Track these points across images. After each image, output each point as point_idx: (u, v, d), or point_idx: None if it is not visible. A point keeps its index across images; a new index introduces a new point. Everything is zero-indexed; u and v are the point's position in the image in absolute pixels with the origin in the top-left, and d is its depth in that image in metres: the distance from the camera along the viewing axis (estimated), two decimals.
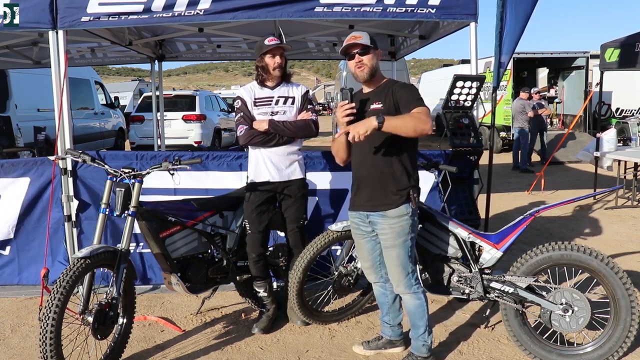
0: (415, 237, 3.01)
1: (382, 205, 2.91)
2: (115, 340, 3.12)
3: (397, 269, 2.97)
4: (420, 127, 2.72)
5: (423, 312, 3.02)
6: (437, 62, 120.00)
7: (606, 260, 3.04)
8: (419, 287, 3.02)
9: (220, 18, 4.02)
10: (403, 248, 2.93)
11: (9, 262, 4.39)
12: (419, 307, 3.01)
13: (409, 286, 2.99)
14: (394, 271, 3.00)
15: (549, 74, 15.64)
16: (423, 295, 3.03)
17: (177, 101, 13.34)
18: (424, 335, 3.05)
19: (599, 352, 3.06)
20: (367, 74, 2.92)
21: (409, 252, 2.96)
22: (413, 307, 3.03)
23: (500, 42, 4.49)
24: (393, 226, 2.90)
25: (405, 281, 2.98)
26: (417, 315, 3.03)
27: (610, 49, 7.79)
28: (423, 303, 3.02)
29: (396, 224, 2.90)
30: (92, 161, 3.32)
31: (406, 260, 2.95)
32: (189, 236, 3.49)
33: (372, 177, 2.94)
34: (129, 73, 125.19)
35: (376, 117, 2.67)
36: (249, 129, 3.45)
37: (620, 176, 7.81)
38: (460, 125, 4.10)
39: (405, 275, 2.97)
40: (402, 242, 2.93)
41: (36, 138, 9.24)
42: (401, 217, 2.89)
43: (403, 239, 2.92)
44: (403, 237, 2.92)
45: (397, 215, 2.89)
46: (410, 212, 2.91)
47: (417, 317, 3.04)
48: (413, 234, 2.98)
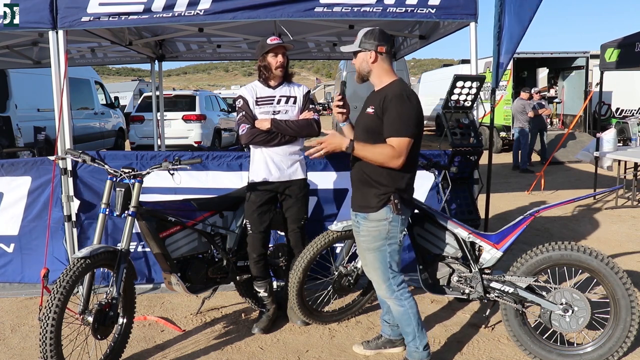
0: (397, 245, 2.89)
1: (364, 207, 2.89)
2: (115, 340, 3.12)
3: (374, 273, 2.95)
4: (387, 164, 2.74)
5: (409, 319, 2.94)
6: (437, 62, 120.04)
7: (606, 260, 3.04)
8: (403, 294, 2.94)
9: (220, 18, 4.02)
10: (379, 253, 2.88)
11: (12, 260, 4.40)
12: (403, 314, 2.94)
13: (390, 292, 2.94)
14: (371, 275, 2.98)
15: (549, 74, 15.63)
16: (408, 302, 2.94)
17: (177, 101, 13.34)
18: (414, 341, 2.97)
19: (599, 352, 3.06)
20: (357, 76, 2.96)
21: (388, 258, 2.88)
22: (397, 314, 2.98)
23: (499, 42, 4.48)
24: (370, 229, 2.87)
25: (385, 287, 2.94)
26: (403, 322, 2.98)
27: (610, 49, 7.79)
28: (407, 310, 2.93)
29: (374, 227, 2.86)
30: (92, 161, 3.32)
31: (384, 266, 2.89)
32: (189, 236, 3.49)
33: (359, 179, 2.94)
34: (129, 73, 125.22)
35: (349, 141, 2.78)
36: (251, 128, 3.45)
37: (620, 176, 7.81)
38: (461, 125, 4.10)
39: (385, 280, 2.92)
40: (377, 247, 2.87)
41: (36, 138, 9.24)
42: (380, 222, 2.83)
43: (379, 244, 2.87)
44: (379, 242, 2.86)
45: (376, 219, 2.84)
46: (390, 217, 2.83)
47: (404, 324, 2.98)
48: (392, 241, 2.87)
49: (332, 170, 4.28)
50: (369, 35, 2.84)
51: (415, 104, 2.78)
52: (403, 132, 2.72)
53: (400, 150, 2.71)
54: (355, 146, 2.77)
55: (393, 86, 2.84)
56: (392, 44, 2.90)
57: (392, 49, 2.93)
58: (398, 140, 2.71)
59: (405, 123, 2.73)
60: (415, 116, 2.76)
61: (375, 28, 2.88)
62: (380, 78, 2.88)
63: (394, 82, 2.86)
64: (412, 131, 2.74)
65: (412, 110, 2.75)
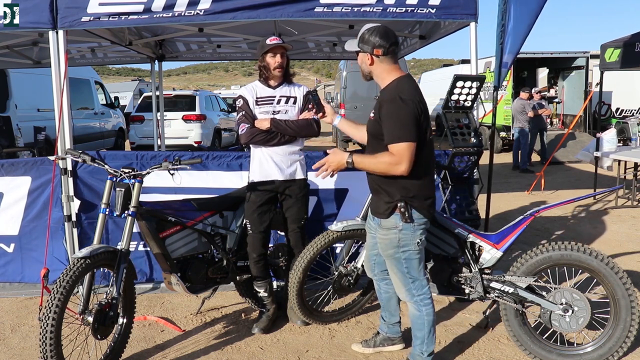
0: (412, 252, 2.81)
1: (377, 213, 2.86)
2: (115, 340, 3.12)
3: (394, 277, 2.95)
4: (391, 172, 2.66)
5: (422, 324, 2.90)
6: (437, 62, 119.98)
7: (606, 260, 3.04)
8: (423, 300, 2.89)
9: (220, 18, 4.02)
10: (394, 260, 2.85)
11: (12, 260, 4.40)
12: (419, 318, 2.90)
13: (410, 297, 2.91)
14: (393, 278, 2.97)
15: (549, 74, 15.64)
16: (426, 309, 2.88)
17: (177, 101, 13.34)
18: (420, 346, 2.94)
19: (599, 352, 3.06)
20: (362, 75, 2.94)
21: (405, 264, 2.84)
22: (413, 317, 2.95)
23: (502, 41, 4.47)
24: (383, 236, 2.85)
25: (405, 291, 2.92)
26: (416, 326, 2.94)
27: (610, 49, 7.79)
28: (423, 316, 2.88)
29: (385, 235, 2.83)
30: (92, 161, 3.32)
31: (401, 272, 2.87)
32: (189, 236, 3.48)
33: (371, 186, 2.92)
34: (129, 73, 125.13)
35: (347, 156, 2.75)
36: (251, 127, 3.46)
37: (620, 176, 7.81)
38: (461, 126, 4.10)
39: (405, 285, 2.90)
40: (391, 254, 2.84)
41: (36, 138, 9.23)
42: (390, 230, 2.79)
43: (393, 251, 2.83)
44: (392, 250, 2.82)
45: (387, 227, 2.80)
46: (400, 226, 2.75)
47: (416, 328, 2.95)
48: (406, 249, 2.80)
49: None
50: (368, 35, 2.73)
51: (412, 105, 2.63)
52: (401, 138, 2.60)
53: (400, 156, 2.60)
54: (355, 160, 2.73)
55: (389, 88, 2.75)
56: (394, 43, 2.73)
57: (392, 47, 2.73)
58: (397, 147, 2.61)
59: (401, 128, 2.61)
60: (412, 118, 2.62)
61: (376, 26, 2.75)
62: (383, 78, 2.81)
63: (391, 83, 2.76)
64: (411, 134, 2.61)
65: (408, 113, 2.61)
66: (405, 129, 2.61)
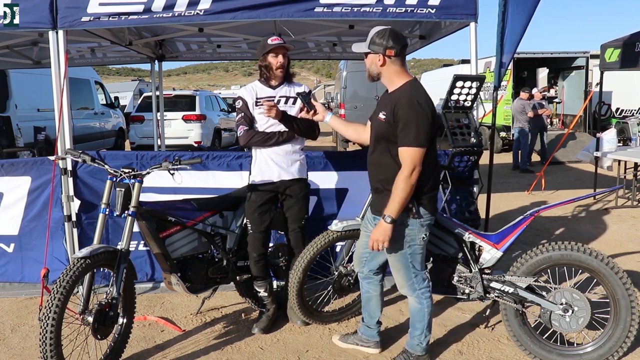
0: (417, 246, 2.91)
1: (379, 212, 2.88)
2: (115, 340, 3.12)
3: (397, 273, 3.01)
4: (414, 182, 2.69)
5: (423, 316, 3.02)
6: (437, 62, 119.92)
7: (606, 260, 3.04)
8: (424, 292, 3.01)
9: (220, 18, 4.02)
10: (400, 255, 2.92)
11: (13, 260, 4.40)
12: (420, 310, 3.02)
13: (412, 291, 3.01)
14: (395, 274, 3.04)
15: (549, 74, 15.63)
16: (426, 301, 3.01)
17: (177, 101, 13.34)
18: (420, 336, 3.06)
19: (599, 352, 3.06)
20: (367, 75, 2.94)
21: (410, 259, 2.93)
22: (414, 310, 3.05)
23: (502, 41, 4.48)
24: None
25: (408, 285, 3.00)
26: (417, 318, 3.06)
27: (610, 49, 7.79)
28: (424, 308, 3.01)
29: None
30: (92, 161, 3.32)
31: (405, 267, 2.95)
32: (189, 236, 3.49)
33: (375, 186, 2.97)
34: (129, 73, 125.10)
35: (383, 218, 2.75)
36: (249, 129, 3.46)
37: (620, 176, 7.81)
38: (460, 125, 4.10)
39: (408, 280, 2.98)
40: (396, 249, 2.91)
41: (36, 138, 9.23)
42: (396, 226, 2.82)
43: (397, 247, 2.90)
44: (397, 245, 2.89)
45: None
46: (407, 222, 2.84)
47: (416, 319, 3.06)
48: (411, 243, 2.89)
49: (332, 170, 4.28)
50: (379, 36, 2.78)
51: (428, 109, 2.73)
52: (417, 142, 2.69)
53: (412, 162, 2.69)
54: (392, 215, 2.72)
55: (404, 90, 2.79)
56: (404, 45, 2.82)
57: (403, 49, 2.82)
58: (409, 151, 2.69)
59: (417, 132, 2.69)
60: (429, 125, 2.72)
61: (386, 28, 2.81)
62: (391, 80, 2.85)
63: (405, 85, 2.81)
64: (425, 141, 2.70)
65: (426, 120, 2.71)
66: (421, 136, 2.70)
